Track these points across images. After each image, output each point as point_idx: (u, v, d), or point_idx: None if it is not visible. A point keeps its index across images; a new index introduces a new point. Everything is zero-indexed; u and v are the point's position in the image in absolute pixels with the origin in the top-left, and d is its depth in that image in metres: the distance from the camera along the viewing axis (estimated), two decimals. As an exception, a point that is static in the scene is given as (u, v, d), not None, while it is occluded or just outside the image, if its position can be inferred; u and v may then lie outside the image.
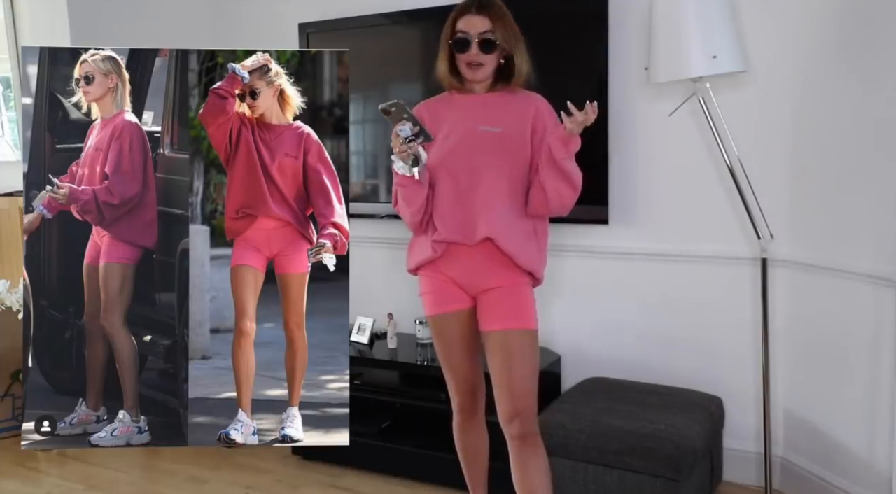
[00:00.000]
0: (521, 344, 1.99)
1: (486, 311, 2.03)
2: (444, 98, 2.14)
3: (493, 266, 2.02)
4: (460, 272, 2.04)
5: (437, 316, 2.10)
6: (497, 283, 2.02)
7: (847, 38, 2.29)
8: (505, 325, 1.99)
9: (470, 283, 2.04)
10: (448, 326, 2.09)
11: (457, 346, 2.11)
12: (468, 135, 2.01)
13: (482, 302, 2.04)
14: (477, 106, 2.06)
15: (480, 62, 2.02)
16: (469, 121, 2.03)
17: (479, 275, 2.03)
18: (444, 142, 2.02)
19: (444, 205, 2.03)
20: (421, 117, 1.97)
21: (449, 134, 2.03)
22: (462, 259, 2.02)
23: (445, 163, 2.01)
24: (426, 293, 2.11)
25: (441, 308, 2.09)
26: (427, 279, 2.11)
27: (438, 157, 2.01)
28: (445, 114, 2.07)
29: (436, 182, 2.03)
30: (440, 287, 2.07)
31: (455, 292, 2.07)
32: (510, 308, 2.01)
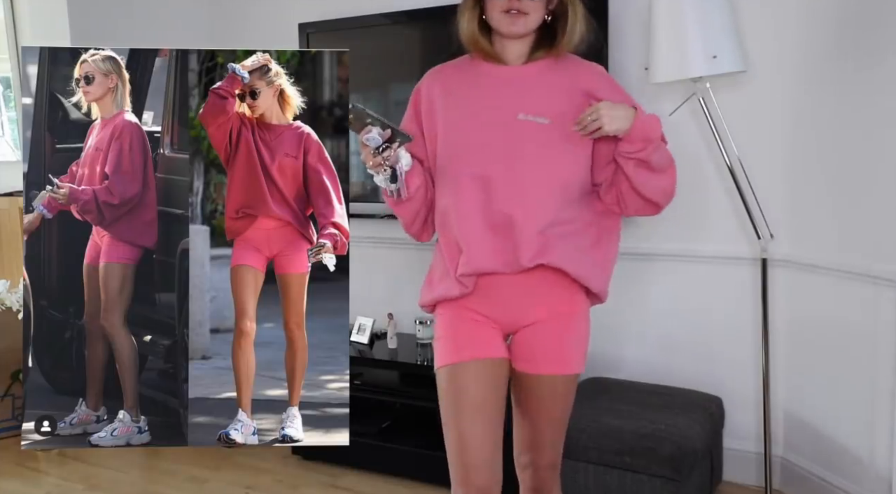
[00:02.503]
0: (557, 392, 1.62)
1: (524, 350, 1.61)
2: (464, 64, 1.64)
3: (542, 293, 1.57)
4: (498, 307, 1.59)
5: (456, 367, 1.58)
6: (543, 314, 1.58)
7: (847, 38, 2.28)
8: (545, 369, 1.60)
9: (511, 320, 1.60)
10: (470, 378, 1.57)
11: (476, 407, 1.57)
12: (502, 127, 1.54)
13: (521, 340, 1.61)
14: (512, 83, 1.58)
15: (523, 10, 1.52)
16: (502, 106, 1.56)
17: (524, 308, 1.59)
18: (462, 131, 1.57)
19: (469, 221, 1.55)
20: (426, 91, 1.61)
21: (470, 119, 1.57)
22: (501, 290, 1.57)
23: (467, 163, 1.55)
24: (444, 338, 1.63)
25: (464, 354, 1.58)
26: (448, 319, 1.62)
27: (454, 152, 1.57)
28: (464, 90, 1.60)
29: (451, 186, 1.57)
30: (467, 329, 1.60)
31: (487, 334, 1.60)
32: (557, 348, 1.60)
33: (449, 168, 1.57)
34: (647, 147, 1.50)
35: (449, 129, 1.58)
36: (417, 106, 1.64)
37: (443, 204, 1.60)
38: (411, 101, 1.66)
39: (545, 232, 1.53)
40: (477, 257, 1.54)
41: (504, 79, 1.58)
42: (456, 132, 1.57)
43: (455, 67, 1.65)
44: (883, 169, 2.17)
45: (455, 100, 1.59)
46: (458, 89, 1.60)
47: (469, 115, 1.57)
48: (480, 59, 1.61)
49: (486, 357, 1.58)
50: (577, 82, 1.58)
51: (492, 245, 1.54)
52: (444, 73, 1.64)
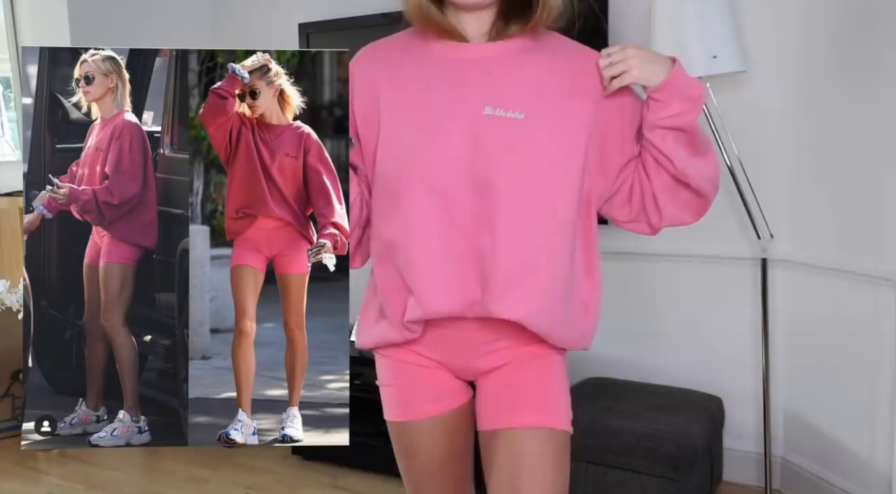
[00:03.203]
0: (544, 453, 1.23)
1: (490, 401, 1.27)
2: (406, 43, 1.27)
3: (509, 334, 1.24)
4: (452, 351, 1.27)
5: (407, 425, 1.31)
6: (509, 357, 1.26)
7: (847, 38, 2.28)
8: (521, 421, 1.23)
9: (467, 365, 1.28)
10: (423, 438, 1.31)
11: (434, 471, 1.32)
12: (464, 124, 1.17)
13: (486, 388, 1.28)
14: (475, 67, 1.20)
15: None
16: (463, 96, 1.19)
17: (484, 353, 1.26)
18: (412, 130, 1.20)
19: (423, 249, 1.19)
20: (361, 77, 1.25)
21: (423, 115, 1.20)
22: (458, 333, 1.25)
23: (419, 173, 1.19)
24: (389, 388, 1.34)
25: (413, 410, 1.29)
26: (391, 365, 1.33)
27: (400, 157, 1.20)
28: (411, 76, 1.22)
29: (397, 204, 1.20)
30: (414, 379, 1.30)
31: (439, 382, 1.30)
32: (537, 393, 1.25)
33: (393, 179, 1.21)
34: (689, 110, 1.17)
35: (394, 128, 1.21)
36: (351, 97, 1.29)
37: (385, 227, 1.24)
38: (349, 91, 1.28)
39: (523, 269, 1.17)
40: (431, 298, 1.19)
41: (464, 61, 1.20)
42: (403, 131, 1.20)
43: (396, 46, 1.27)
44: (883, 168, 2.17)
45: (400, 89, 1.22)
46: (403, 75, 1.23)
47: (421, 110, 1.20)
48: (429, 37, 1.23)
49: (441, 412, 1.29)
50: (565, 69, 1.22)
51: (449, 281, 1.18)
52: (383, 52, 1.27)
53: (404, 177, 1.20)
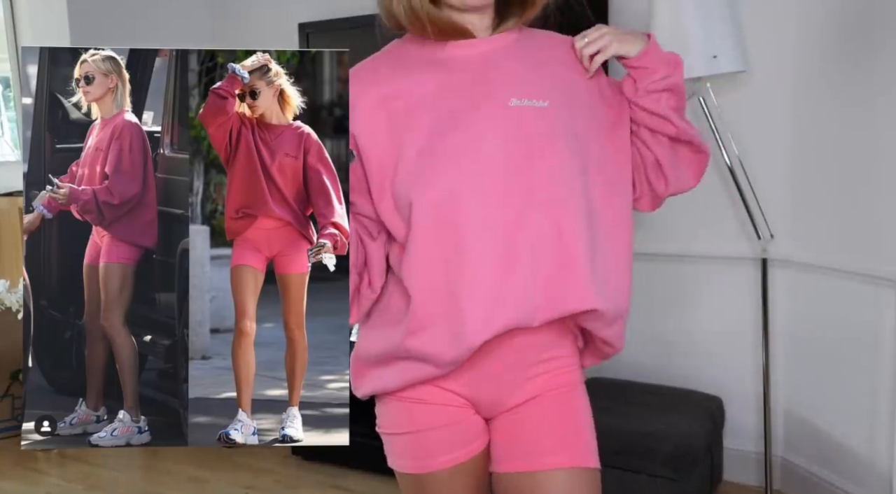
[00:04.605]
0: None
1: (512, 439, 1.17)
2: (397, 55, 1.23)
3: (544, 356, 1.17)
4: (487, 381, 1.16)
5: (430, 476, 1.18)
6: (539, 388, 1.17)
7: (847, 38, 2.29)
8: (548, 462, 1.14)
9: (497, 400, 1.17)
10: (451, 488, 1.19)
11: None
12: (494, 117, 1.13)
13: (505, 425, 1.18)
14: (487, 61, 1.18)
15: None
16: (487, 90, 1.15)
17: (518, 381, 1.16)
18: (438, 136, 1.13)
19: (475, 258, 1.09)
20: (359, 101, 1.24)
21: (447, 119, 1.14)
22: (497, 357, 1.14)
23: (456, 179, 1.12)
24: (404, 433, 1.21)
25: (435, 461, 1.17)
26: (403, 406, 1.21)
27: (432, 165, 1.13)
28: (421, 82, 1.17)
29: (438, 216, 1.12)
30: (435, 419, 1.17)
31: (469, 421, 1.18)
32: (557, 431, 1.16)
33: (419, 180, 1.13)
34: (674, 73, 1.20)
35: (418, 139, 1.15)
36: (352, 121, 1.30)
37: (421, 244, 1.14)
38: None
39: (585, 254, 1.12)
40: (491, 311, 1.07)
41: (475, 58, 1.18)
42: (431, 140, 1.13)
43: (390, 59, 1.24)
44: (883, 168, 2.17)
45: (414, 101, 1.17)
46: (412, 85, 1.18)
47: (444, 115, 1.14)
48: (426, 43, 1.19)
49: (470, 457, 1.17)
50: (555, 56, 1.23)
51: (504, 288, 1.08)
52: (380, 70, 1.23)
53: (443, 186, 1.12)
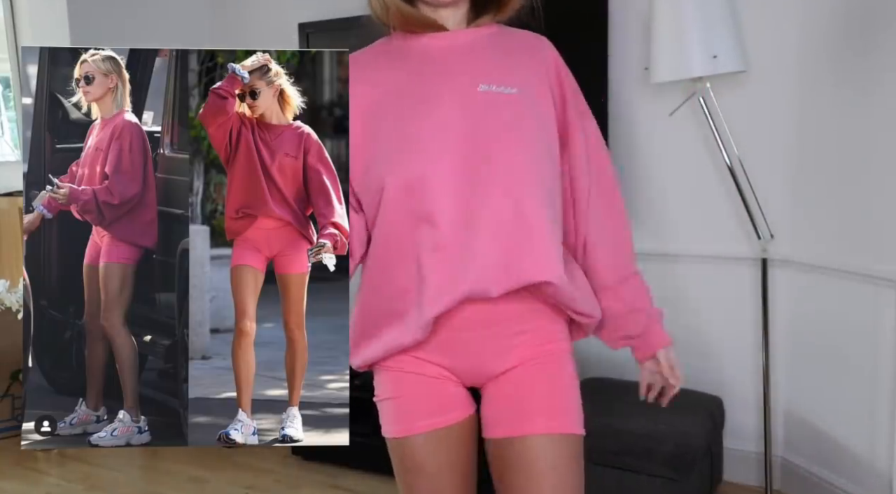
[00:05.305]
0: (558, 460, 1.20)
1: (500, 407, 1.23)
2: (383, 50, 1.32)
3: (524, 326, 1.22)
4: (463, 354, 1.22)
5: (407, 441, 1.25)
6: (525, 356, 1.22)
7: (847, 38, 2.29)
8: (533, 428, 1.19)
9: (480, 370, 1.23)
10: (427, 455, 1.24)
11: (442, 486, 1.25)
12: (462, 102, 1.20)
13: (493, 393, 1.24)
14: (461, 49, 1.25)
15: None
16: (453, 79, 1.22)
17: (500, 351, 1.22)
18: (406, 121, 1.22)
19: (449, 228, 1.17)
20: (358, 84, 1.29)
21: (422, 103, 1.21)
22: (471, 327, 1.20)
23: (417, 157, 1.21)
24: (389, 398, 1.30)
25: (414, 425, 1.24)
26: (392, 374, 1.28)
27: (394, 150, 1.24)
28: (397, 71, 1.26)
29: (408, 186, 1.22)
30: (418, 388, 1.24)
31: (446, 392, 1.24)
32: (549, 397, 1.22)
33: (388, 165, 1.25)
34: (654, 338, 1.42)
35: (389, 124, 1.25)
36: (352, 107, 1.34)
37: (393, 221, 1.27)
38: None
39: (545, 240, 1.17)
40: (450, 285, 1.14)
41: (448, 48, 1.24)
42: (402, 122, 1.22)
43: (376, 53, 1.32)
44: (883, 168, 2.17)
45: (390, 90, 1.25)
46: (390, 74, 1.27)
47: (413, 101, 1.22)
48: (408, 37, 1.27)
49: (443, 425, 1.22)
50: (535, 54, 1.29)
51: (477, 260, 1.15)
52: (365, 58, 1.32)
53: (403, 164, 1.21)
